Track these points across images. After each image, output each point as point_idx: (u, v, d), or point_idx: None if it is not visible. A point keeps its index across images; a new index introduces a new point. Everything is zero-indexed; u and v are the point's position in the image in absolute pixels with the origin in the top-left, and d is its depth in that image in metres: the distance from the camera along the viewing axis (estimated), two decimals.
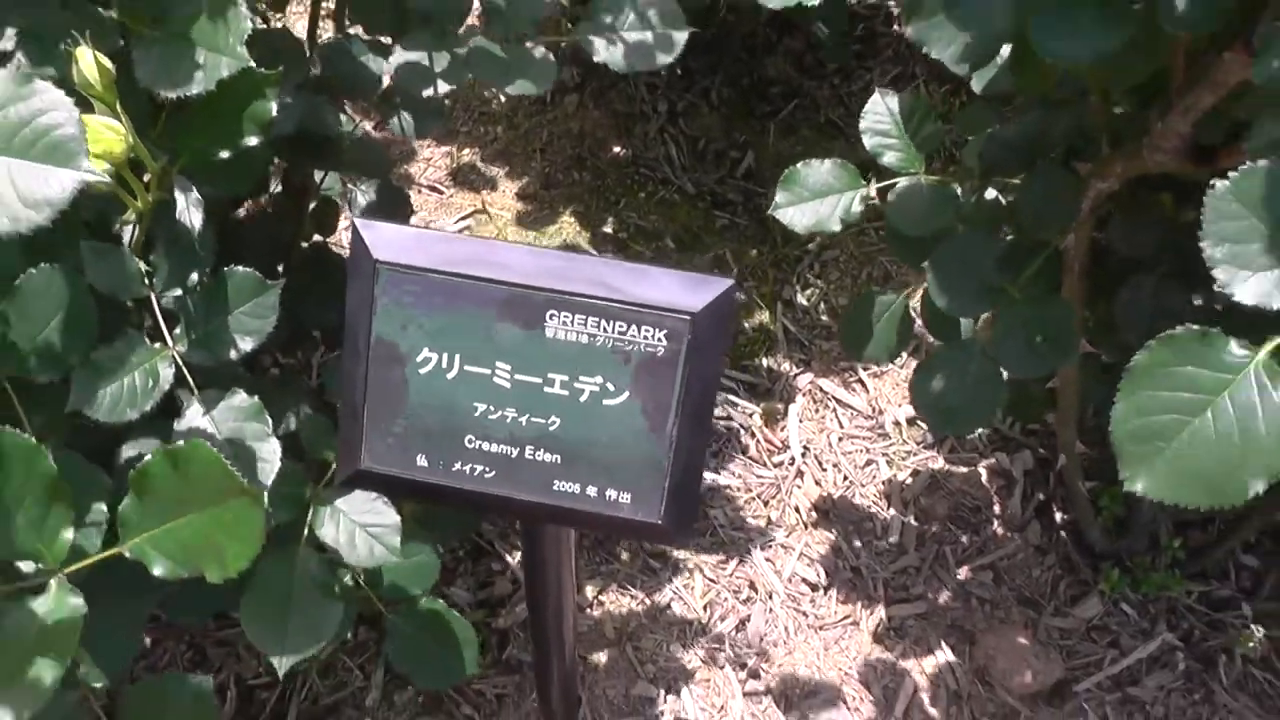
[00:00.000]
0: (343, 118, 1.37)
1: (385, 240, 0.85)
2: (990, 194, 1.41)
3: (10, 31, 1.02)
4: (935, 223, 1.36)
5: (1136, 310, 1.26)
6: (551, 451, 0.89)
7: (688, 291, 0.83)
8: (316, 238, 1.56)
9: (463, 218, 2.34)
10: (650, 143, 2.47)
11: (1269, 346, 0.82)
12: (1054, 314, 1.22)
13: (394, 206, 1.50)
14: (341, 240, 2.03)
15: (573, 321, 0.85)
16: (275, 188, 1.53)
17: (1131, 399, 0.84)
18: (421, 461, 0.90)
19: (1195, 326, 0.83)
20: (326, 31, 1.77)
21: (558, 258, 0.84)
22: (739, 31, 2.59)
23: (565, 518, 0.91)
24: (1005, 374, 1.30)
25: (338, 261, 1.51)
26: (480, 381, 0.87)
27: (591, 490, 0.89)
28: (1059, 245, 1.29)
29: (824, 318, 2.17)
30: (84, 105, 0.90)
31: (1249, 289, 0.80)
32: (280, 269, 1.46)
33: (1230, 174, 0.81)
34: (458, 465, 0.90)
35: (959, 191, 1.38)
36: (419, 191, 2.39)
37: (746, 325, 2.15)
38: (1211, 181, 0.82)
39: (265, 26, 1.37)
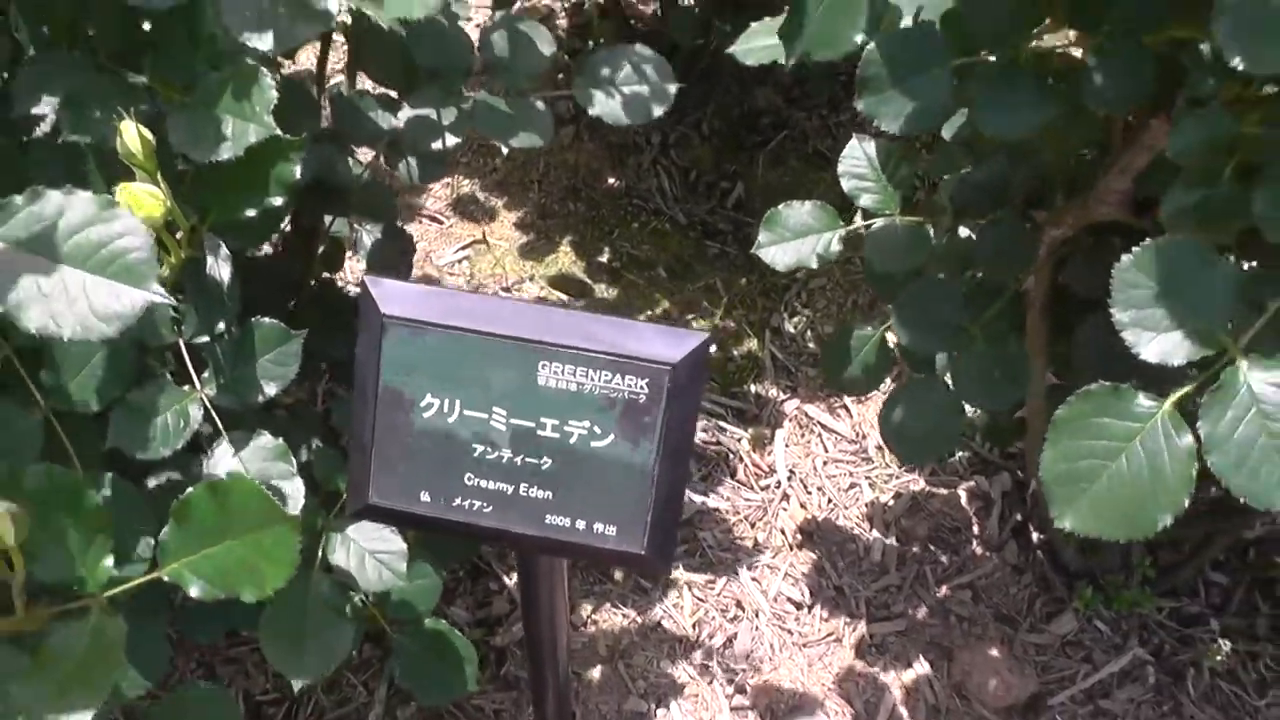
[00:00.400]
0: (351, 161, 1.45)
1: (391, 296, 0.94)
2: (964, 232, 1.49)
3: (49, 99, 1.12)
4: (910, 261, 1.44)
5: (1093, 349, 1.34)
6: (544, 488, 0.97)
7: (667, 344, 0.91)
8: (324, 274, 1.64)
9: (463, 247, 2.42)
10: (643, 174, 2.55)
11: (1173, 398, 0.92)
12: (1010, 352, 1.31)
13: (398, 246, 1.59)
14: (348, 275, 2.11)
15: (563, 371, 0.93)
16: (285, 226, 1.61)
17: (1057, 447, 0.95)
18: (424, 497, 0.99)
19: (1108, 383, 0.93)
20: (335, 74, 1.85)
21: (549, 313, 0.93)
22: (729, 63, 2.67)
23: (557, 549, 1.00)
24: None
25: (344, 298, 1.60)
26: (478, 425, 0.96)
27: (580, 524, 0.97)
28: (1020, 287, 1.37)
29: (810, 345, 2.26)
30: (126, 173, 0.99)
31: (1153, 349, 0.91)
32: (291, 304, 1.54)
33: (1134, 249, 0.90)
34: (458, 501, 0.98)
35: (932, 232, 1.46)
36: (420, 221, 2.47)
37: (735, 353, 2.24)
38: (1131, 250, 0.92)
39: (279, 76, 1.45)
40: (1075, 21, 1.03)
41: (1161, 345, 0.91)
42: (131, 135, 0.94)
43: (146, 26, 1.14)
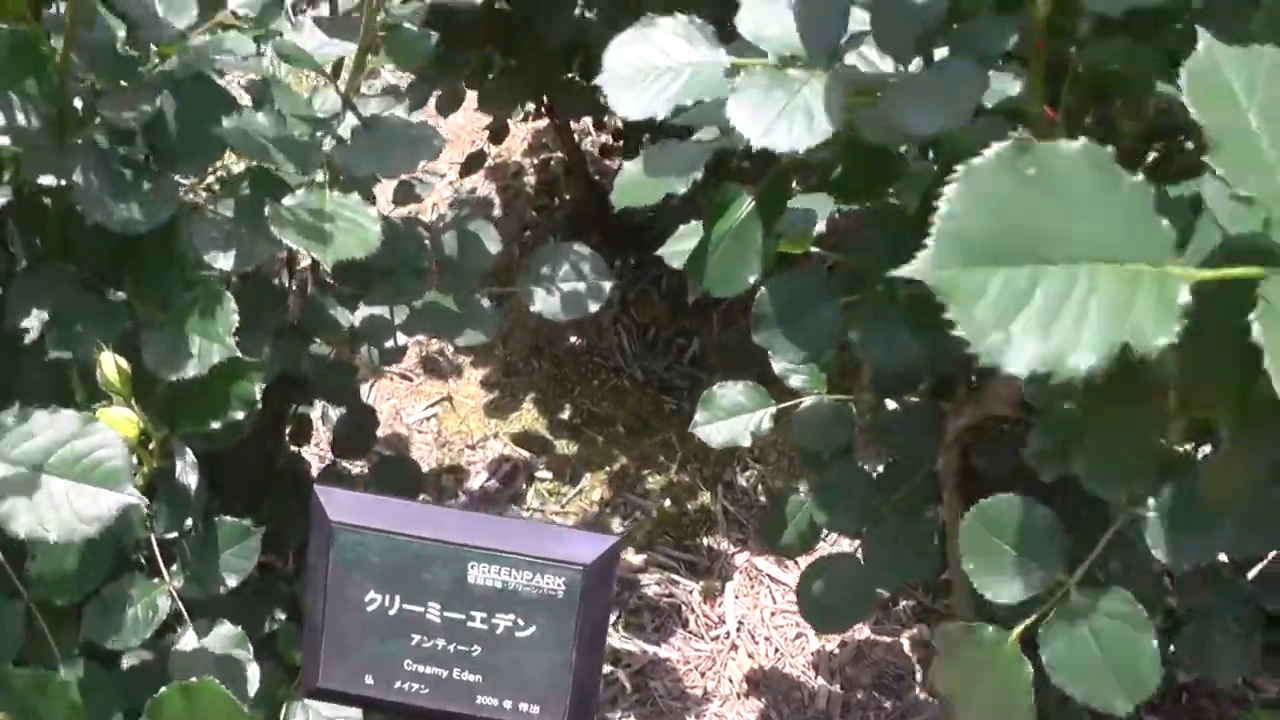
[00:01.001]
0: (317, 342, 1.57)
1: (339, 504, 1.07)
2: (892, 405, 1.61)
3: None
4: (836, 440, 1.56)
5: None
6: (474, 673, 1.08)
7: (581, 546, 1.04)
8: (293, 448, 1.76)
9: (431, 404, 2.54)
10: (604, 332, 2.68)
11: (1016, 632, 1.08)
12: (920, 530, 1.43)
13: (362, 421, 1.71)
14: (321, 435, 2.23)
15: (490, 570, 1.05)
16: None
17: (946, 667, 1.12)
18: (369, 680, 1.10)
19: (965, 622, 1.10)
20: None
21: (477, 519, 1.06)
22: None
23: None
24: None
25: (310, 475, 1.72)
26: (416, 617, 1.07)
27: (508, 704, 1.08)
28: (933, 467, 1.49)
29: (762, 498, 2.36)
30: (104, 398, 1.11)
31: (999, 592, 1.06)
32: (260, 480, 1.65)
33: (973, 508, 1.05)
34: (398, 684, 1.09)
35: (855, 411, 1.58)
36: (391, 379, 2.60)
37: (689, 506, 2.35)
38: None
39: (249, 274, 1.58)
40: None
41: (1005, 588, 1.07)
42: (110, 366, 1.07)
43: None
